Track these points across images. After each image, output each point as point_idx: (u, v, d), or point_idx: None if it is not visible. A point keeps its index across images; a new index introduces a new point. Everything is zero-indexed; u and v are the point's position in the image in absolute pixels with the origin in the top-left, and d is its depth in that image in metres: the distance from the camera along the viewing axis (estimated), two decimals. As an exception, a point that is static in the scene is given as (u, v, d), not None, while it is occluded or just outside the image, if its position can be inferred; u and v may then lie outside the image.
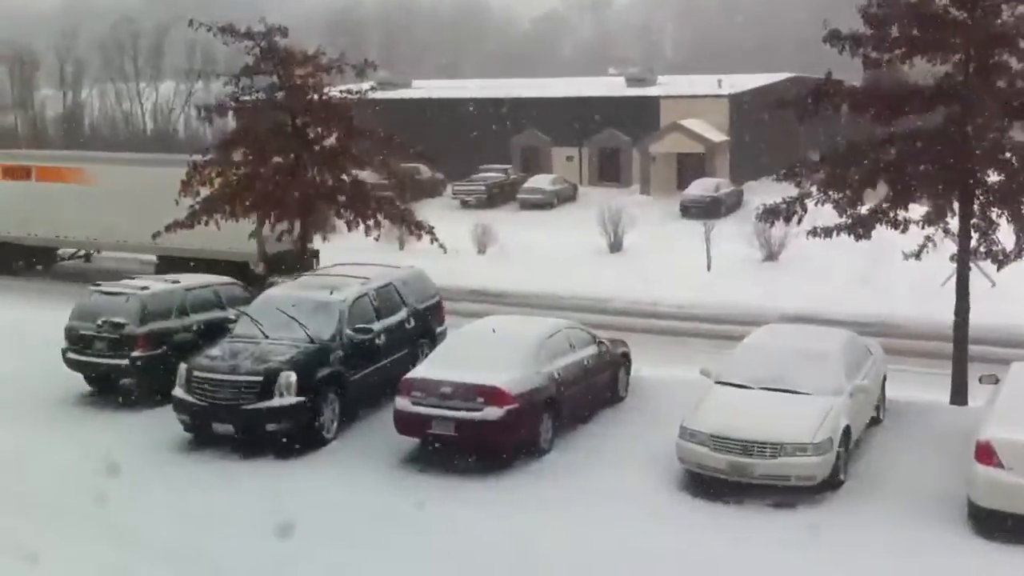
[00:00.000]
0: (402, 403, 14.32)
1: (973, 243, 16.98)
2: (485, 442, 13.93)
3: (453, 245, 24.26)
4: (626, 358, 17.28)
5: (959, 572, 10.87)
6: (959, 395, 16.97)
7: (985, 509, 11.69)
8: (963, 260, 17.12)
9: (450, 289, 23.57)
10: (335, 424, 15.19)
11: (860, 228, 16.90)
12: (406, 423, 14.31)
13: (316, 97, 21.48)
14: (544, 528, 12.06)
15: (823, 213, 17.09)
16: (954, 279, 17.46)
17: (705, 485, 13.06)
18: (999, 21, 16.02)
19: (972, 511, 11.87)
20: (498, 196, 53.87)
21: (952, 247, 17.48)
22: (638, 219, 39.93)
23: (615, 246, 38.69)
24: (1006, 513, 11.51)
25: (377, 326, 16.34)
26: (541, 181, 54.53)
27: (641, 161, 56.06)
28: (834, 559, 11.15)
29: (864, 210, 16.90)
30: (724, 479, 12.90)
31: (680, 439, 13.25)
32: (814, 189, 17.08)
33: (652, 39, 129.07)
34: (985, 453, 11.64)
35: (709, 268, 33.82)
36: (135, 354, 16.91)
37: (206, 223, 21.92)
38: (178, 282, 18.45)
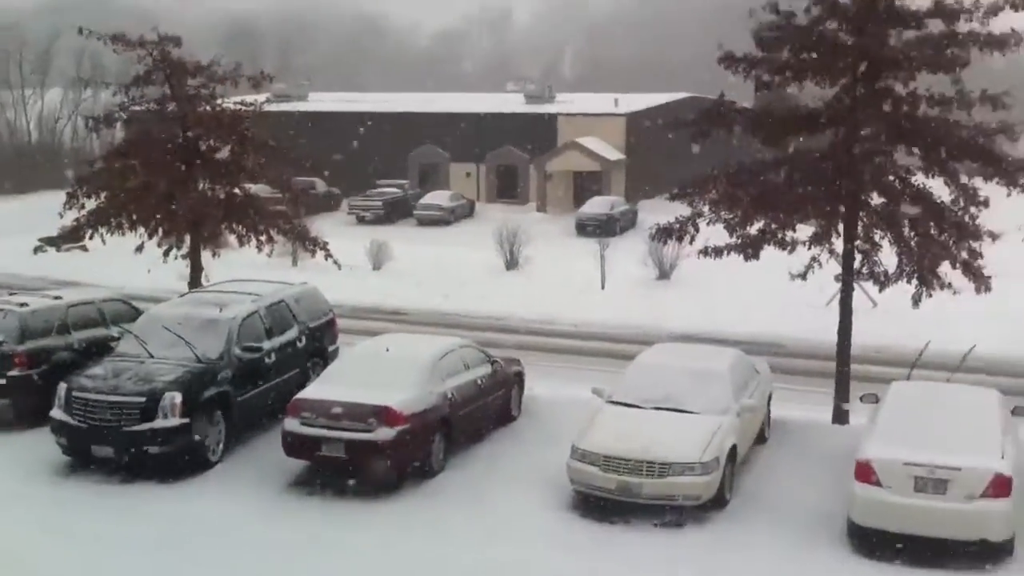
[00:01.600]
0: (291, 424, 14.04)
1: (857, 264, 17.46)
2: (376, 464, 13.75)
3: (348, 261, 24.01)
4: (520, 377, 17.29)
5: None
6: (841, 414, 17.39)
7: (864, 528, 11.98)
8: (847, 281, 17.59)
9: (344, 306, 23.34)
10: (221, 446, 14.80)
11: (750, 248, 17.24)
12: (295, 445, 14.03)
13: (209, 108, 21.08)
14: (434, 551, 11.93)
15: (715, 232, 17.39)
16: (838, 299, 17.92)
17: (595, 505, 13.10)
18: (886, 46, 16.53)
19: (852, 530, 12.14)
20: (395, 212, 53.62)
21: (837, 268, 17.93)
22: (535, 236, 40.14)
23: (511, 263, 38.82)
24: (885, 531, 11.81)
25: (267, 345, 16.01)
26: (439, 197, 54.48)
27: (538, 178, 56.45)
28: (720, 578, 11.28)
29: (754, 230, 17.24)
30: (613, 499, 12.96)
31: (571, 459, 13.28)
32: (706, 209, 17.37)
33: (551, 57, 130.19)
34: (864, 472, 11.94)
35: (603, 286, 34.15)
36: (12, 373, 16.23)
37: (91, 237, 21.34)
38: (60, 298, 17.82)
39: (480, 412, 15.61)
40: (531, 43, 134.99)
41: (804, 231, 17.37)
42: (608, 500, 12.98)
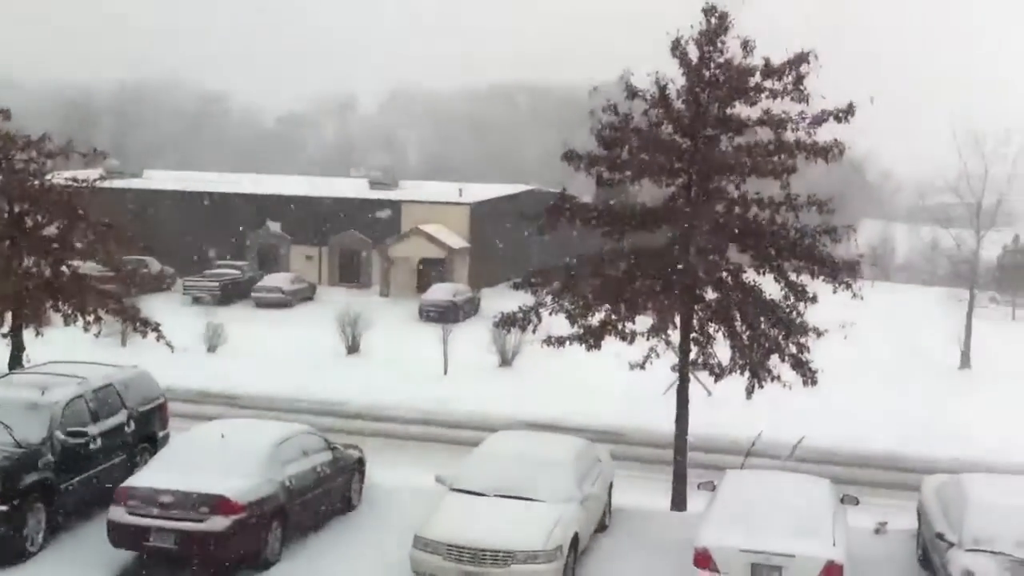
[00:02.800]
0: (117, 513, 13.30)
1: (692, 356, 17.95)
2: (208, 555, 13.14)
3: (182, 343, 23.22)
4: (360, 464, 16.94)
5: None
6: (679, 501, 17.70)
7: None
8: (683, 371, 18.05)
9: (177, 390, 22.49)
10: (41, 535, 13.88)
11: (591, 338, 17.53)
12: (121, 535, 13.28)
13: (37, 183, 20.24)
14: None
15: (557, 322, 17.62)
16: (675, 388, 18.33)
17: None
18: (718, 151, 17.29)
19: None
20: (233, 293, 52.38)
21: (674, 358, 18.38)
22: (376, 321, 39.83)
23: (353, 348, 38.34)
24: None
25: (93, 429, 15.21)
26: (279, 279, 53.55)
27: (381, 263, 56.33)
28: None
29: (595, 321, 17.55)
30: (456, 590, 12.74)
31: (414, 548, 13.01)
32: (549, 299, 17.62)
33: (396, 145, 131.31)
34: (702, 559, 12.14)
35: (446, 372, 34.09)
36: None
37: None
38: None
39: (319, 501, 15.18)
40: (377, 129, 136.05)
41: (643, 322, 17.79)
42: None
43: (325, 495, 15.40)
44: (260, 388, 29.33)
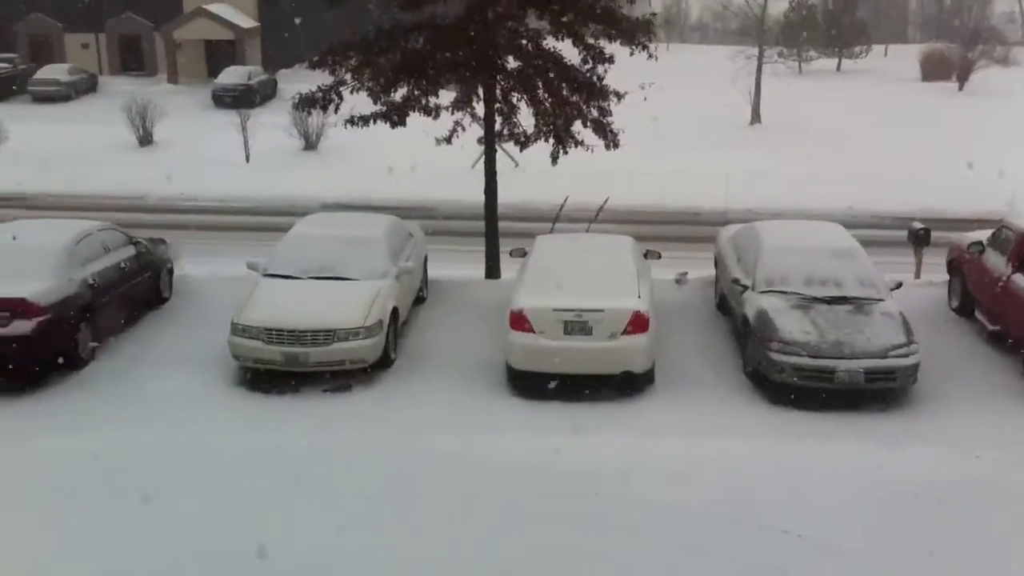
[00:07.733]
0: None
1: (498, 127, 17.98)
2: (15, 359, 12.71)
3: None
4: (167, 257, 16.53)
5: (503, 427, 11.79)
6: (493, 269, 18.17)
7: (521, 371, 12.76)
8: (489, 143, 18.11)
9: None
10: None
11: (395, 115, 17.25)
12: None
13: None
14: (93, 442, 11.25)
15: (361, 100, 17.23)
16: (483, 161, 18.46)
17: (261, 379, 12.98)
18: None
19: (510, 374, 12.92)
20: (5, 88, 48.56)
21: (480, 131, 18.40)
22: (168, 110, 37.91)
23: (145, 139, 36.55)
24: (538, 373, 12.62)
25: None
26: (55, 71, 49.78)
27: (166, 48, 53.06)
28: (397, 435, 11.52)
29: (397, 97, 17.24)
30: (281, 370, 12.88)
31: (232, 336, 13.01)
32: (349, 77, 17.13)
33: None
34: (518, 321, 12.65)
35: (248, 159, 33.13)
36: None
37: None
38: None
39: (127, 296, 14.83)
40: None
41: (447, 96, 17.61)
42: (275, 372, 12.88)
43: (133, 290, 15.04)
44: (51, 186, 27.79)
